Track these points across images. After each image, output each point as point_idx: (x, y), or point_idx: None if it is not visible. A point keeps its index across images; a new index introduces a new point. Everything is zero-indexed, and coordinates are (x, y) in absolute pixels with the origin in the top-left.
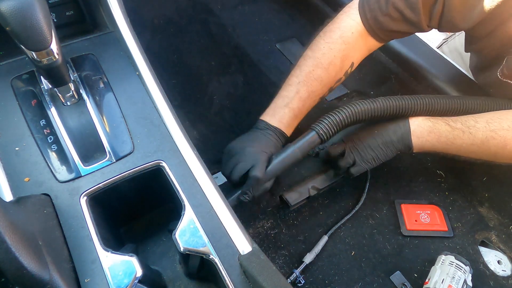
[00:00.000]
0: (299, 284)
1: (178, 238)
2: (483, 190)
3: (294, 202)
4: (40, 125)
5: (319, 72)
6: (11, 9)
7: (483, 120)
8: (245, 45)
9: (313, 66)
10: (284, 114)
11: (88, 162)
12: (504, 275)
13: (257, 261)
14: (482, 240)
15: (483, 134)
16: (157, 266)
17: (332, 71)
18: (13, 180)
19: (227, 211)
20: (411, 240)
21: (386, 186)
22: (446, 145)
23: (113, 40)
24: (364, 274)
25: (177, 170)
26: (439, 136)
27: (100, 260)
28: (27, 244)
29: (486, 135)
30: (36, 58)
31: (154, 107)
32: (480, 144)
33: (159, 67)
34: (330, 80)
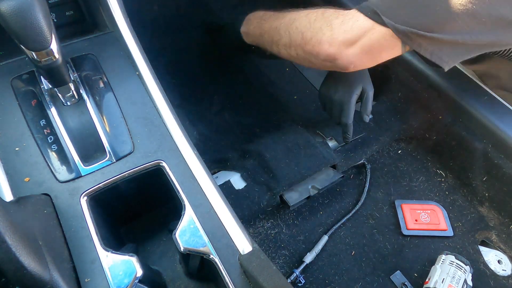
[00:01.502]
0: (299, 284)
1: (178, 238)
2: (483, 190)
3: (294, 202)
4: (40, 125)
5: None
6: (11, 9)
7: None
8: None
9: None
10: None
11: (88, 162)
12: (504, 274)
13: (257, 261)
14: (482, 239)
15: (289, 17)
16: (157, 266)
17: None
18: (13, 180)
19: (227, 211)
20: (411, 239)
21: (386, 186)
22: (260, 35)
23: (113, 40)
24: (364, 274)
25: (177, 170)
26: (254, 32)
27: (100, 260)
28: (27, 244)
29: (291, 17)
30: (36, 58)
31: (154, 107)
32: (283, 32)
33: (159, 67)
34: None
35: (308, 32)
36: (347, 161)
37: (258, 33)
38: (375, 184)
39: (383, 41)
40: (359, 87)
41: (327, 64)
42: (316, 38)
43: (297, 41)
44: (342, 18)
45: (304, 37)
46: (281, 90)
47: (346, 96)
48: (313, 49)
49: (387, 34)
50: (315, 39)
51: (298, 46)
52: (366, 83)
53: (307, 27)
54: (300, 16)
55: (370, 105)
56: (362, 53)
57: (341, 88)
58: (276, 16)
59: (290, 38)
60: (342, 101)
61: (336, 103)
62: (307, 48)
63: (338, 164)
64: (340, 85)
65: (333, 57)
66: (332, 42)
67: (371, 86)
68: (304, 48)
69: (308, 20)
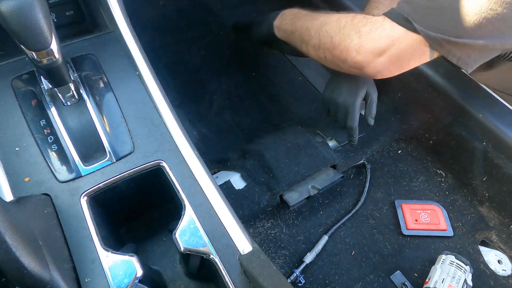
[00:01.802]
0: (299, 284)
1: (178, 238)
2: (483, 190)
3: (294, 202)
4: (40, 125)
5: None
6: (11, 9)
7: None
8: (245, 45)
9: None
10: None
11: (88, 162)
12: (505, 274)
13: (257, 261)
14: (483, 239)
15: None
16: (157, 266)
17: None
18: (13, 180)
19: (227, 211)
20: (411, 239)
21: (386, 186)
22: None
23: (113, 40)
24: (364, 274)
25: (177, 170)
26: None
27: (100, 260)
28: (27, 244)
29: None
30: (36, 58)
31: (154, 107)
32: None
33: (159, 67)
34: None
35: (337, 37)
36: (347, 161)
37: (290, 30)
38: (375, 184)
39: (413, 49)
40: (364, 90)
41: (354, 70)
42: (344, 44)
43: (326, 44)
44: (370, 26)
45: (333, 41)
46: (281, 90)
47: (351, 99)
48: (341, 55)
49: (417, 42)
50: (343, 45)
51: (327, 50)
52: (370, 86)
53: (336, 32)
54: (331, 20)
55: (375, 108)
56: (390, 62)
57: (346, 91)
58: (309, 16)
59: (319, 41)
60: (347, 104)
61: (341, 106)
62: (335, 53)
63: (338, 164)
64: (344, 88)
65: (360, 65)
66: (359, 50)
67: (375, 89)
68: (332, 52)
69: (338, 25)
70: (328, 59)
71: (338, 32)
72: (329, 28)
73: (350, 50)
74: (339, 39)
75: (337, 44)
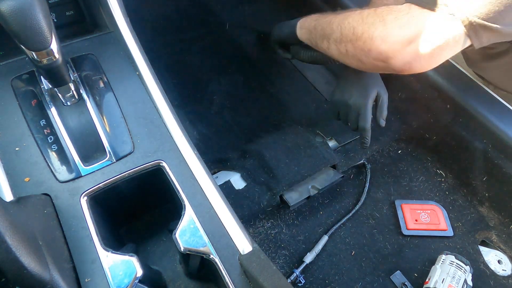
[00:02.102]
0: (299, 284)
1: (178, 238)
2: (483, 190)
3: (294, 202)
4: (40, 125)
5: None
6: (11, 9)
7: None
8: (245, 45)
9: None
10: None
11: (88, 162)
12: (504, 274)
13: (257, 261)
14: (483, 239)
15: (344, 14)
16: (157, 266)
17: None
18: (13, 180)
19: (227, 211)
20: (411, 239)
21: (386, 186)
22: (314, 28)
23: (113, 40)
24: (364, 274)
25: (177, 170)
26: (309, 24)
27: (100, 260)
28: (27, 244)
29: (345, 14)
30: (36, 58)
31: (154, 107)
32: (336, 27)
33: (159, 67)
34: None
35: (359, 27)
36: (347, 161)
37: (312, 25)
38: (375, 184)
39: (447, 36)
40: (374, 91)
41: (379, 64)
42: (368, 33)
43: (348, 36)
44: (396, 14)
45: (355, 32)
46: (281, 90)
47: (362, 100)
48: (365, 46)
49: (452, 28)
50: (367, 34)
51: (349, 42)
52: (380, 87)
53: (359, 22)
54: (354, 13)
55: (386, 109)
56: (420, 52)
57: (356, 92)
58: (333, 13)
59: (341, 33)
60: (359, 105)
61: (352, 108)
62: (358, 44)
63: (338, 164)
64: (355, 89)
65: (385, 55)
66: (385, 39)
67: (385, 90)
68: (355, 44)
69: (361, 16)
70: (350, 53)
71: (361, 22)
72: (351, 19)
73: (374, 39)
74: (362, 29)
75: (360, 34)
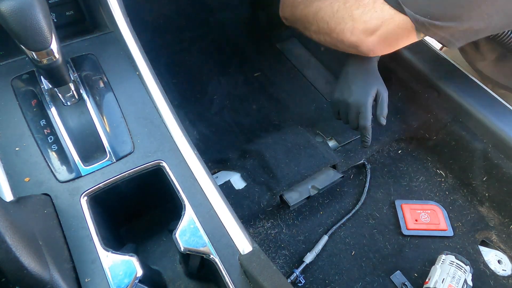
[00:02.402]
0: (299, 284)
1: (178, 238)
2: (483, 190)
3: (294, 202)
4: (40, 125)
5: None
6: (11, 9)
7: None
8: (245, 45)
9: None
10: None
11: (88, 162)
12: (505, 274)
13: (258, 261)
14: (483, 239)
15: (316, 6)
16: (157, 266)
17: None
18: (13, 180)
19: (227, 211)
20: (411, 239)
21: (386, 186)
22: (293, 12)
23: (113, 40)
24: (364, 274)
25: (177, 170)
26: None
27: (100, 260)
28: (27, 244)
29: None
30: (36, 58)
31: (154, 107)
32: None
33: (159, 67)
34: None
35: (332, 22)
36: (347, 161)
37: (293, 19)
38: (375, 184)
39: (400, 29)
40: (374, 89)
41: (351, 50)
42: (340, 27)
43: (324, 29)
44: (362, 9)
45: (329, 26)
46: (281, 90)
47: (362, 98)
48: (338, 37)
49: (404, 23)
50: (339, 28)
51: (326, 34)
52: (380, 85)
53: (331, 17)
54: (325, 5)
55: (386, 107)
56: (380, 42)
57: (356, 91)
58: (304, 3)
59: (318, 26)
60: (359, 103)
61: (352, 106)
62: (333, 36)
63: (338, 164)
64: (355, 88)
65: (355, 44)
66: (353, 31)
67: (385, 88)
68: (330, 36)
69: (332, 10)
70: (328, 41)
71: (332, 17)
72: (324, 13)
73: (345, 33)
74: (334, 24)
75: (333, 28)
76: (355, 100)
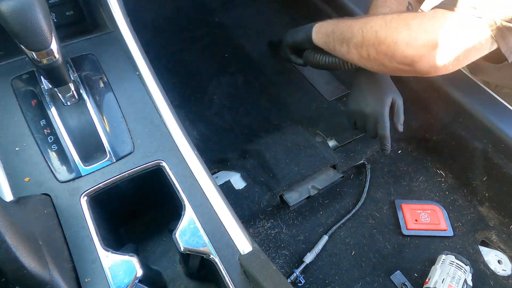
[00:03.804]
0: (299, 284)
1: (178, 238)
2: (483, 190)
3: (294, 202)
4: (40, 125)
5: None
6: (11, 9)
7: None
8: (245, 45)
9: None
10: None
11: (88, 162)
12: (504, 274)
13: (257, 261)
14: (483, 239)
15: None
16: (157, 266)
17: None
18: (13, 180)
19: (227, 211)
20: (411, 239)
21: (386, 186)
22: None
23: (113, 40)
24: (364, 274)
25: (177, 170)
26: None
27: (100, 260)
28: (27, 244)
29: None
30: (36, 58)
31: (154, 107)
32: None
33: (159, 67)
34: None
35: (382, 31)
36: (347, 161)
37: (330, 30)
38: (375, 184)
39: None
40: (390, 97)
41: (403, 68)
42: (392, 37)
43: (371, 40)
44: (420, 18)
45: (378, 36)
46: (281, 90)
47: (379, 108)
48: (388, 50)
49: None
50: (391, 38)
51: (371, 46)
52: (395, 92)
53: (382, 26)
54: (377, 18)
55: (402, 113)
56: (447, 55)
57: (372, 101)
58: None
59: (363, 37)
60: (376, 113)
61: (370, 116)
62: (381, 49)
63: (338, 164)
64: (370, 98)
65: (411, 60)
66: (410, 43)
67: (399, 95)
68: (377, 49)
69: (384, 21)
70: (372, 57)
71: (384, 27)
72: (374, 23)
73: (399, 44)
74: (385, 33)
75: (383, 38)
76: (372, 110)
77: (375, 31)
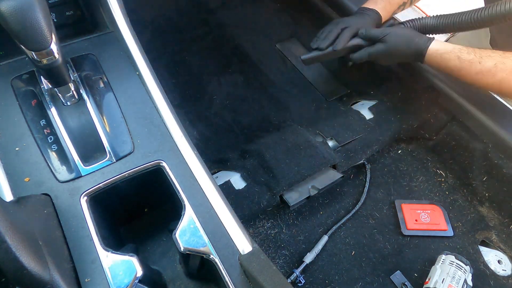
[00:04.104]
0: (299, 284)
1: (178, 238)
2: (483, 190)
3: (294, 202)
4: (40, 125)
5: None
6: (11, 9)
7: (499, 53)
8: (245, 45)
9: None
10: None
11: (88, 162)
12: (504, 274)
13: (257, 261)
14: (483, 239)
15: (493, 61)
16: (157, 266)
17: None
18: (13, 180)
19: (227, 211)
20: (411, 239)
21: (386, 186)
22: (451, 71)
23: (113, 40)
24: (364, 274)
25: (177, 170)
26: (448, 62)
27: (100, 260)
28: (27, 244)
29: (496, 61)
30: (36, 58)
31: (154, 107)
32: (486, 72)
33: (159, 67)
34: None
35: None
36: (347, 161)
37: (452, 65)
38: (375, 184)
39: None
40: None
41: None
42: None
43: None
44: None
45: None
46: (281, 90)
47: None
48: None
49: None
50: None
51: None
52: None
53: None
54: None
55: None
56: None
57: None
58: (479, 67)
59: (499, 87)
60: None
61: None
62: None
63: (338, 164)
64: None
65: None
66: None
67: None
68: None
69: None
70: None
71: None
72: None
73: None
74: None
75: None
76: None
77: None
